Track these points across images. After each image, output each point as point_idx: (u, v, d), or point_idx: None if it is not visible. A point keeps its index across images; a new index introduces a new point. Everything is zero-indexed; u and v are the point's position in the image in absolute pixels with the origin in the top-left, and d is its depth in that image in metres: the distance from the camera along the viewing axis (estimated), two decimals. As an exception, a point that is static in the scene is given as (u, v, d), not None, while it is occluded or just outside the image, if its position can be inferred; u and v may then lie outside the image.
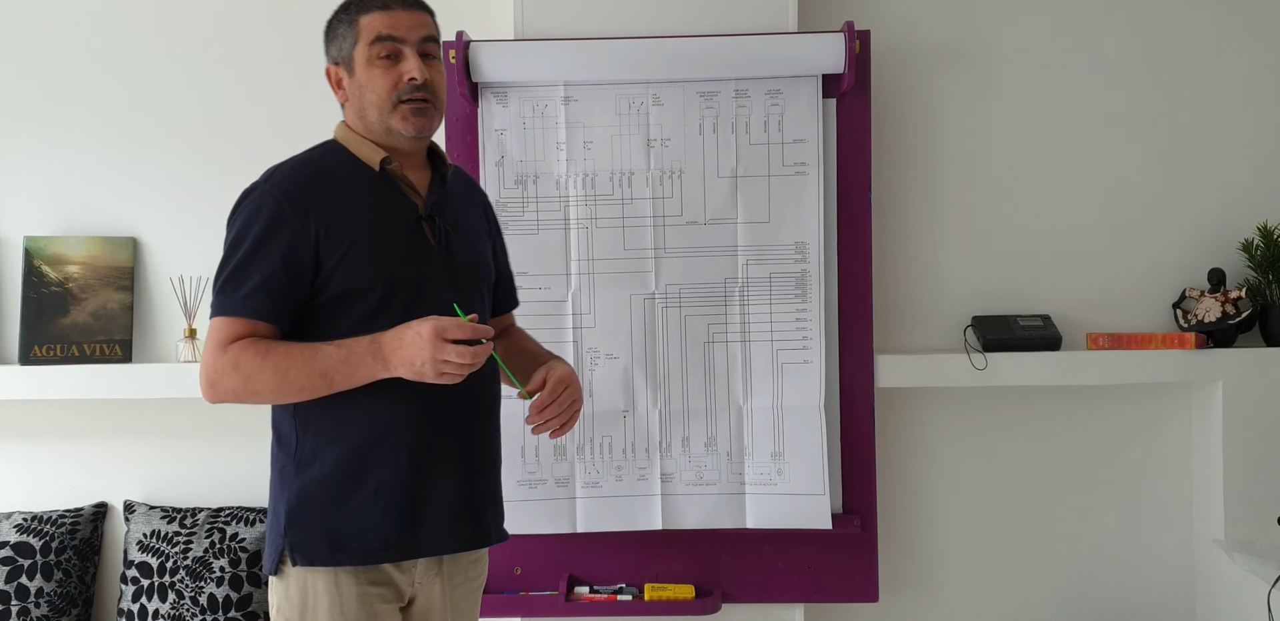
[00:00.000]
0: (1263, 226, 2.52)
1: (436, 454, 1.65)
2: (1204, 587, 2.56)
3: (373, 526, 1.61)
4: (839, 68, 2.33)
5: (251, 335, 1.58)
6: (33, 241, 2.59)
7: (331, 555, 1.60)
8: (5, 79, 2.66)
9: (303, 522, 1.61)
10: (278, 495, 1.65)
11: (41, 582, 2.51)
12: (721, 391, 2.38)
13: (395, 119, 1.65)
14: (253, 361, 1.55)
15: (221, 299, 1.59)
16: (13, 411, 2.64)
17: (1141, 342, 2.47)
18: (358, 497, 1.61)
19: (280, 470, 1.65)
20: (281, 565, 1.62)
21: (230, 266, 1.60)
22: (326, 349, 1.56)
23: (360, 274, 1.61)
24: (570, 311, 2.37)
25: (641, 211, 2.38)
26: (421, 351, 1.52)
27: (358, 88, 1.67)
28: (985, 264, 2.60)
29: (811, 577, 2.42)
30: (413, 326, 1.54)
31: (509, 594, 2.39)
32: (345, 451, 1.62)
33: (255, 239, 1.59)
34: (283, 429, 1.66)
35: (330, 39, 1.71)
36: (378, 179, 1.68)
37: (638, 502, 2.37)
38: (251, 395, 1.58)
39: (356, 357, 1.55)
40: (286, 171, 1.66)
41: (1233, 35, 2.60)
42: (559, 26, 2.41)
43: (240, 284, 1.59)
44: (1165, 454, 2.61)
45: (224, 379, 1.56)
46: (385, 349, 1.55)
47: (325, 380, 1.56)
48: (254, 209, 1.61)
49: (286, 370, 1.55)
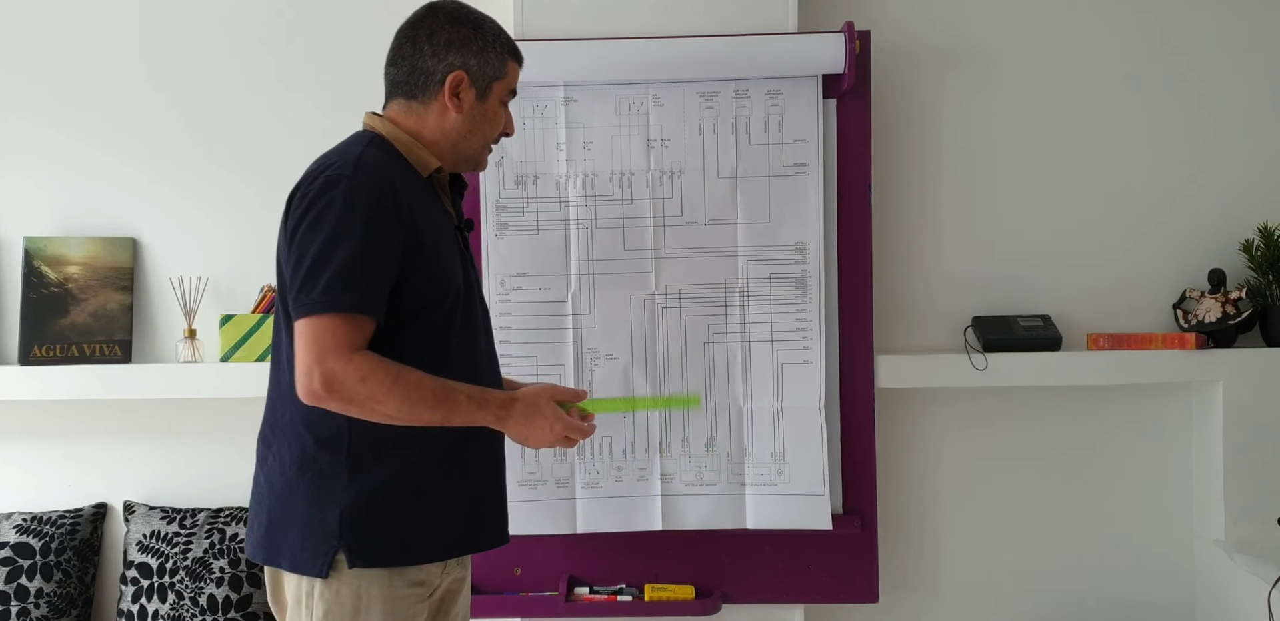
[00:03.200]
0: (1263, 227, 2.52)
1: (489, 455, 1.73)
2: (1204, 588, 2.56)
3: (442, 526, 1.65)
4: (839, 68, 2.33)
5: (365, 336, 1.53)
6: (32, 242, 2.59)
7: (395, 556, 1.61)
8: (5, 79, 2.66)
9: (366, 525, 1.58)
10: (320, 497, 1.59)
11: (41, 583, 2.51)
12: (721, 392, 2.38)
13: (483, 156, 1.77)
14: (382, 383, 1.50)
15: (335, 295, 1.50)
16: (12, 412, 2.64)
17: (1142, 343, 2.47)
18: (424, 503, 1.63)
19: (320, 471, 1.59)
20: (333, 568, 1.58)
21: (339, 258, 1.51)
22: (457, 395, 1.57)
23: (437, 282, 1.63)
24: (570, 312, 2.37)
25: (641, 212, 2.38)
26: (546, 437, 1.65)
27: (480, 115, 1.72)
28: (985, 264, 2.60)
29: (812, 578, 2.42)
30: (545, 414, 1.65)
31: (509, 594, 2.39)
32: (415, 455, 1.62)
33: (363, 232, 1.52)
34: (325, 429, 1.59)
35: (472, 50, 1.69)
36: (425, 184, 1.69)
37: (638, 503, 2.37)
38: (365, 411, 1.52)
39: (482, 413, 1.60)
40: (370, 164, 1.58)
41: (1233, 35, 2.60)
42: (559, 27, 2.41)
43: (355, 278, 1.51)
44: (1165, 454, 2.61)
45: (346, 389, 1.49)
46: (510, 421, 1.63)
47: (443, 420, 1.57)
48: (351, 199, 1.53)
49: (414, 402, 1.52)
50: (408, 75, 1.69)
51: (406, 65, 1.69)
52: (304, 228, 1.54)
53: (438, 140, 1.70)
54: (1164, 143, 2.60)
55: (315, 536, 1.58)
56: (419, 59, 1.68)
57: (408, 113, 1.70)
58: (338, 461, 1.59)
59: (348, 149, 1.63)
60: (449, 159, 1.73)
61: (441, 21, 1.70)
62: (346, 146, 1.65)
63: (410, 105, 1.70)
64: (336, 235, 1.52)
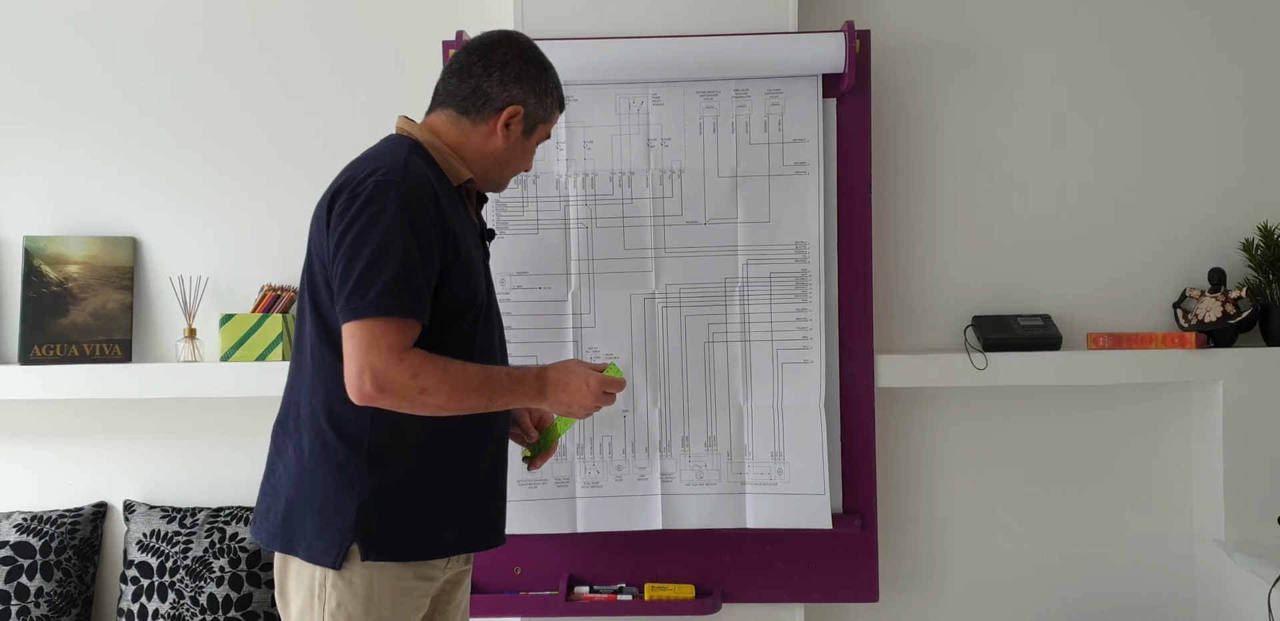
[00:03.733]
0: (1263, 226, 2.52)
1: (496, 458, 1.80)
2: (1204, 587, 2.56)
3: (452, 523, 1.70)
4: (839, 67, 2.33)
5: (413, 339, 1.58)
6: (33, 241, 2.59)
7: (409, 550, 1.66)
8: (5, 79, 2.67)
9: (381, 520, 1.64)
10: (339, 489, 1.64)
11: (41, 582, 2.51)
12: (721, 391, 2.38)
13: (507, 183, 1.86)
14: (432, 375, 1.56)
15: (387, 299, 1.55)
16: (12, 411, 2.64)
17: (1142, 342, 2.47)
18: (441, 497, 1.69)
19: (340, 464, 1.64)
20: (346, 560, 1.63)
21: (394, 262, 1.56)
22: (498, 375, 1.65)
23: (469, 290, 1.69)
24: (570, 311, 2.37)
25: (641, 211, 2.38)
26: (585, 398, 1.72)
27: (520, 149, 1.80)
28: (985, 263, 2.60)
29: (812, 577, 2.41)
30: (577, 373, 1.72)
31: (509, 594, 2.39)
32: (428, 454, 1.67)
33: (415, 238, 1.58)
34: (348, 425, 1.64)
35: (535, 91, 1.77)
36: (455, 193, 1.75)
37: (638, 502, 2.37)
38: (417, 406, 1.58)
39: (523, 388, 1.68)
40: (413, 169, 1.63)
41: (1233, 36, 2.60)
42: (559, 26, 2.41)
43: (409, 284, 1.56)
44: (1166, 453, 2.61)
45: (398, 387, 1.55)
46: (549, 388, 1.70)
47: (489, 403, 1.64)
48: (404, 205, 1.58)
49: (463, 389, 1.59)
50: (470, 92, 1.75)
51: (471, 82, 1.75)
52: (356, 231, 1.58)
53: (474, 159, 1.77)
54: (1164, 142, 2.60)
55: (332, 527, 1.63)
56: (486, 81, 1.74)
57: (454, 125, 1.76)
58: (358, 456, 1.64)
59: (393, 154, 1.67)
60: (478, 178, 1.80)
61: (516, 54, 1.77)
62: (389, 151, 1.69)
63: (460, 120, 1.76)
64: (391, 240, 1.56)
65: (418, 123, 1.78)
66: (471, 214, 1.82)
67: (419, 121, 1.79)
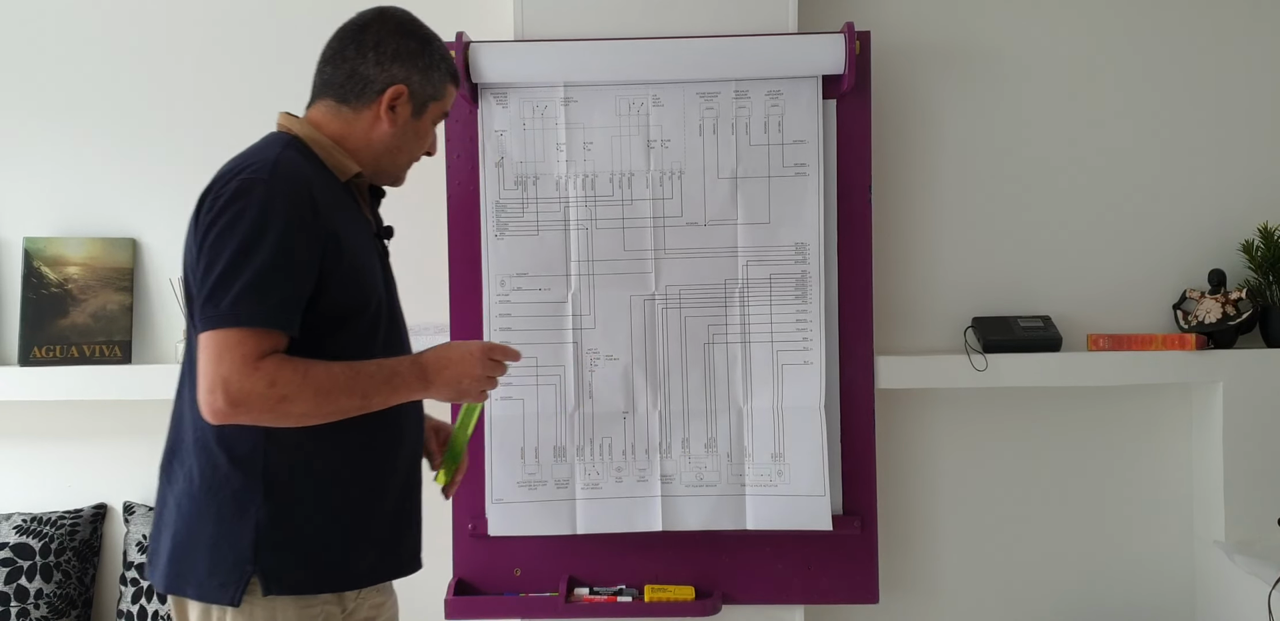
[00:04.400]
0: (1263, 227, 2.52)
1: (407, 479, 1.65)
2: (1204, 589, 2.56)
3: (362, 551, 1.57)
4: (839, 69, 2.33)
5: (275, 349, 1.43)
6: (32, 242, 2.59)
7: (317, 582, 1.52)
8: (5, 80, 2.67)
9: (283, 548, 1.50)
10: (232, 519, 1.49)
11: (41, 584, 2.51)
12: (721, 392, 2.38)
13: (404, 171, 1.72)
14: (291, 380, 1.41)
15: (244, 307, 1.41)
16: (12, 412, 2.64)
17: (1142, 344, 2.47)
18: (349, 522, 1.55)
19: (233, 491, 1.50)
20: (246, 595, 1.48)
21: (251, 269, 1.42)
22: (367, 369, 1.49)
23: (358, 292, 1.55)
24: (570, 312, 2.37)
25: (641, 212, 2.37)
26: (473, 368, 1.56)
27: (411, 131, 1.66)
28: (985, 265, 2.60)
29: (812, 579, 2.41)
30: (455, 347, 1.58)
31: (508, 595, 2.38)
32: (332, 475, 1.54)
33: (279, 241, 1.43)
34: (240, 445, 1.50)
35: (418, 66, 1.63)
36: (343, 190, 1.62)
37: (638, 504, 2.37)
38: (280, 417, 1.44)
39: (399, 378, 1.51)
40: (288, 168, 1.50)
41: (1233, 36, 2.60)
42: (559, 27, 2.41)
43: (268, 290, 1.42)
44: (1166, 455, 2.61)
45: (254, 398, 1.40)
46: (429, 369, 1.54)
47: (364, 401, 1.48)
48: (267, 205, 1.45)
49: (329, 391, 1.44)
50: (345, 78, 1.62)
51: (346, 68, 1.62)
52: (215, 234, 1.45)
53: (361, 149, 1.63)
54: (1164, 143, 2.60)
55: (227, 561, 1.48)
56: (361, 64, 1.62)
57: (334, 116, 1.63)
58: (252, 480, 1.50)
59: (263, 151, 1.55)
60: (369, 170, 1.66)
61: (392, 30, 1.63)
62: (262, 148, 1.57)
63: (340, 109, 1.63)
64: (250, 243, 1.43)
65: (299, 117, 1.65)
66: (365, 211, 1.67)
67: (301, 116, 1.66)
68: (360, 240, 1.59)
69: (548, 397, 2.37)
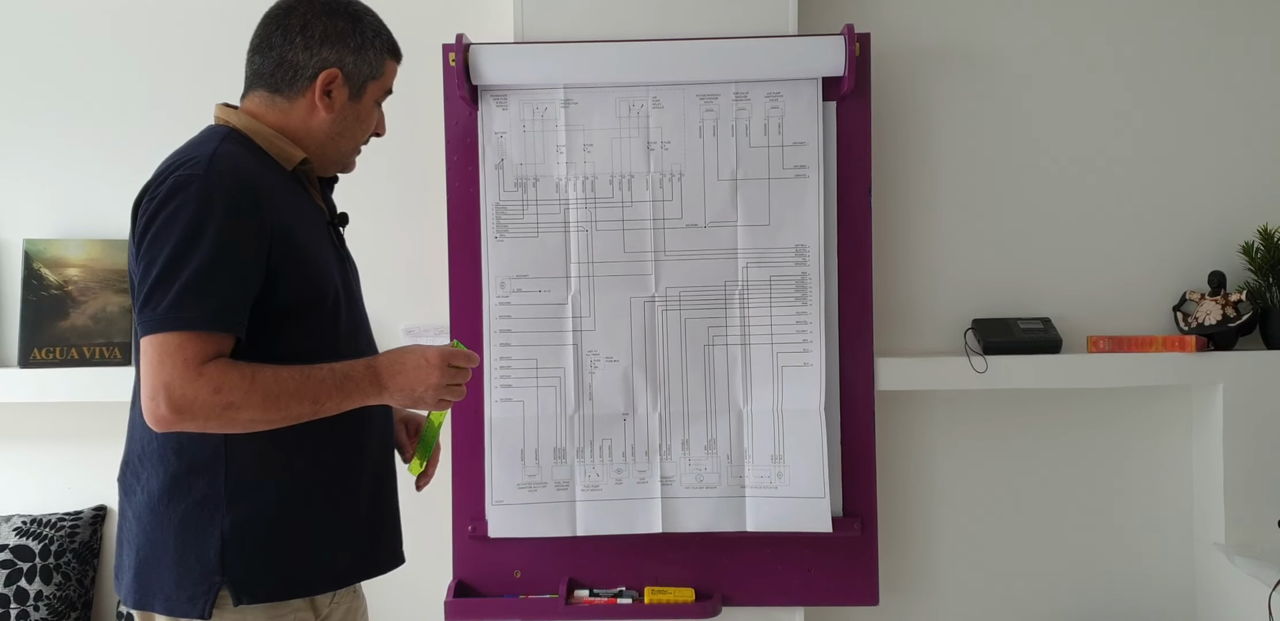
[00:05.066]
0: (1263, 229, 2.52)
1: (378, 474, 1.62)
2: (1205, 591, 2.56)
3: (330, 554, 1.53)
4: (839, 70, 2.33)
5: (220, 352, 1.38)
6: (32, 244, 2.59)
7: (285, 588, 1.48)
8: (5, 81, 2.67)
9: (251, 556, 1.45)
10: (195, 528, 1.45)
11: (41, 586, 2.50)
12: (721, 394, 2.38)
13: (352, 158, 1.66)
14: (238, 386, 1.36)
15: (184, 310, 1.36)
16: (12, 414, 2.64)
17: (1142, 345, 2.47)
18: (314, 525, 1.50)
19: (195, 501, 1.45)
20: (217, 608, 1.44)
21: (189, 269, 1.37)
22: (319, 374, 1.43)
23: (312, 284, 1.51)
24: (570, 314, 2.37)
25: (641, 214, 2.37)
26: (429, 376, 1.48)
27: (352, 115, 1.60)
28: (985, 266, 2.60)
29: (811, 581, 2.41)
30: (413, 351, 1.50)
31: (508, 597, 2.38)
32: (295, 478, 1.49)
33: (217, 238, 1.38)
34: (199, 453, 1.45)
35: (349, 46, 1.56)
36: (290, 179, 1.57)
37: (638, 505, 2.37)
38: (226, 423, 1.38)
39: (352, 383, 1.45)
40: (226, 161, 1.45)
41: (1232, 38, 2.60)
42: (559, 29, 2.41)
43: (208, 291, 1.37)
44: (1166, 457, 2.61)
45: (198, 405, 1.35)
46: (383, 374, 1.47)
47: (315, 407, 1.43)
48: (204, 202, 1.39)
49: (277, 397, 1.39)
50: (274, 67, 1.56)
51: (274, 56, 1.56)
52: (151, 234, 1.40)
53: (303, 139, 1.58)
54: (1164, 145, 2.60)
55: (194, 574, 1.44)
56: (289, 50, 1.55)
57: (270, 107, 1.57)
58: (214, 488, 1.45)
59: (199, 146, 1.49)
60: (314, 159, 1.60)
61: (317, 11, 1.56)
62: (198, 143, 1.52)
63: (274, 99, 1.57)
64: (187, 242, 1.37)
65: (236, 108, 1.59)
66: (316, 199, 1.62)
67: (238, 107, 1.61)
68: (312, 230, 1.55)
69: (548, 399, 2.37)
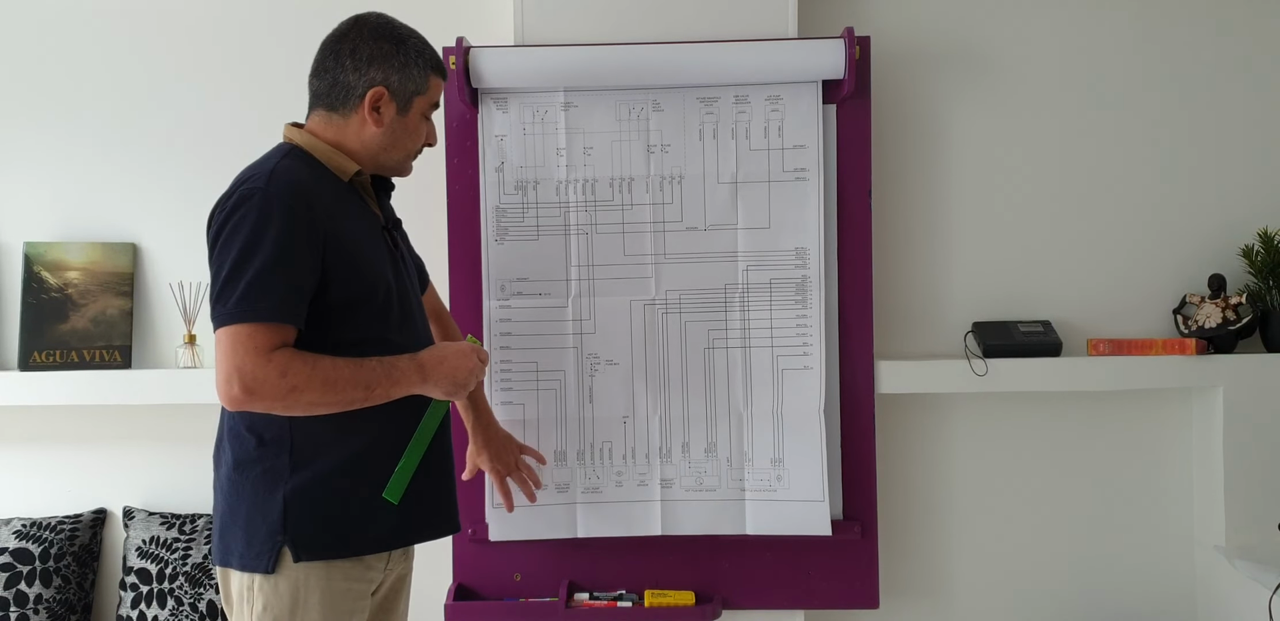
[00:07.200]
0: (1263, 232, 2.52)
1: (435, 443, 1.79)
2: (1205, 594, 2.56)
3: (378, 517, 1.70)
4: (839, 73, 2.34)
5: (285, 341, 1.59)
6: (32, 247, 2.59)
7: (337, 548, 1.67)
8: (5, 84, 2.67)
9: (307, 518, 1.65)
10: (264, 494, 1.66)
11: (40, 589, 2.50)
12: (722, 397, 2.38)
13: (406, 165, 1.86)
14: (301, 371, 1.57)
15: (251, 304, 1.56)
16: (12, 417, 2.64)
17: (1142, 348, 2.47)
18: (367, 494, 1.69)
19: (263, 470, 1.67)
20: (278, 563, 1.64)
21: (253, 269, 1.57)
22: (370, 363, 1.64)
23: (363, 281, 1.69)
24: (570, 317, 2.37)
25: (641, 217, 2.38)
26: (467, 361, 1.74)
27: (401, 128, 1.78)
28: (986, 269, 2.60)
29: (812, 584, 2.41)
30: (449, 346, 1.76)
31: (508, 600, 2.38)
32: (351, 449, 1.68)
33: (277, 241, 1.58)
34: (268, 431, 1.67)
35: (394, 66, 1.75)
36: (346, 189, 1.76)
37: (638, 508, 2.37)
38: (290, 405, 1.59)
39: (399, 372, 1.67)
40: (284, 175, 1.65)
41: (1233, 42, 2.60)
42: (559, 32, 2.42)
43: (271, 287, 1.57)
44: (1166, 460, 2.61)
45: (267, 387, 1.55)
46: (426, 365, 1.70)
47: (367, 393, 1.63)
48: (265, 211, 1.60)
49: (334, 381, 1.59)
50: (329, 88, 1.76)
51: (329, 78, 1.76)
52: (222, 241, 1.61)
53: (358, 151, 1.77)
54: (1164, 148, 2.60)
55: (261, 534, 1.65)
56: (340, 72, 1.75)
57: (328, 124, 1.77)
58: (279, 461, 1.66)
59: (264, 162, 1.70)
60: (370, 167, 1.81)
61: (365, 36, 1.75)
62: (263, 160, 1.72)
63: (331, 117, 1.77)
64: (250, 246, 1.58)
65: (300, 127, 1.80)
66: (374, 206, 1.83)
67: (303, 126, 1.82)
68: (365, 233, 1.74)
69: (548, 402, 2.37)
